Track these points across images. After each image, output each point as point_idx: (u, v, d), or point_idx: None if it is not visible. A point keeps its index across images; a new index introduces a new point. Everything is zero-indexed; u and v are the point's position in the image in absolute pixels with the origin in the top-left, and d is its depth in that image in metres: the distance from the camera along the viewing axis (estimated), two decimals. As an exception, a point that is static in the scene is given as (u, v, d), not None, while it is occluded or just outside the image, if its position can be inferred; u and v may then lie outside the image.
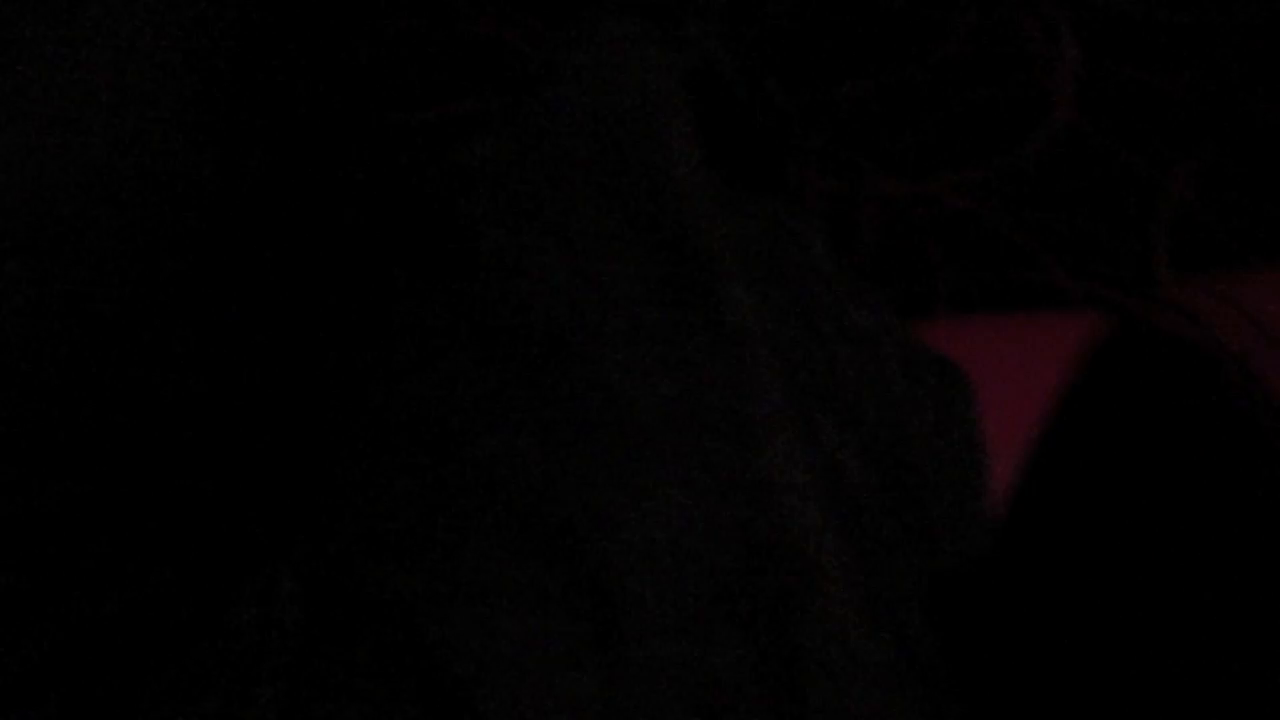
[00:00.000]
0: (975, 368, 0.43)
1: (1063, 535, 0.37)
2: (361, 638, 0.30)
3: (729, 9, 0.74)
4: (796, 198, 0.81)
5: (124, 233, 0.29)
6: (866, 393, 0.39)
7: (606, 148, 0.41)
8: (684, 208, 0.39)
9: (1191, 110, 0.88)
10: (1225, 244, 0.80)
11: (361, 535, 0.32)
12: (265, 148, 0.34)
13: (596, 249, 0.38)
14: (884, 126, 0.88)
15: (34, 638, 0.27)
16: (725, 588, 0.30)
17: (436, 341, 0.35)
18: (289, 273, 0.35)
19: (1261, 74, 0.89)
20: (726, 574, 0.31)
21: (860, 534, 0.35)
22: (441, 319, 0.35)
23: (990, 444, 0.40)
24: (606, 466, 0.32)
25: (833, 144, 0.87)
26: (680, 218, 0.39)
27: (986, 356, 0.44)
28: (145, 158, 0.30)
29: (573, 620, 0.30)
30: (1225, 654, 0.31)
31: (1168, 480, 0.30)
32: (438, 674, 0.29)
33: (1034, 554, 0.37)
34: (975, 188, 0.83)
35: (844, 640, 0.30)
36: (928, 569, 0.35)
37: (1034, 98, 0.88)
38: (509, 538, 0.30)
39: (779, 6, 0.91)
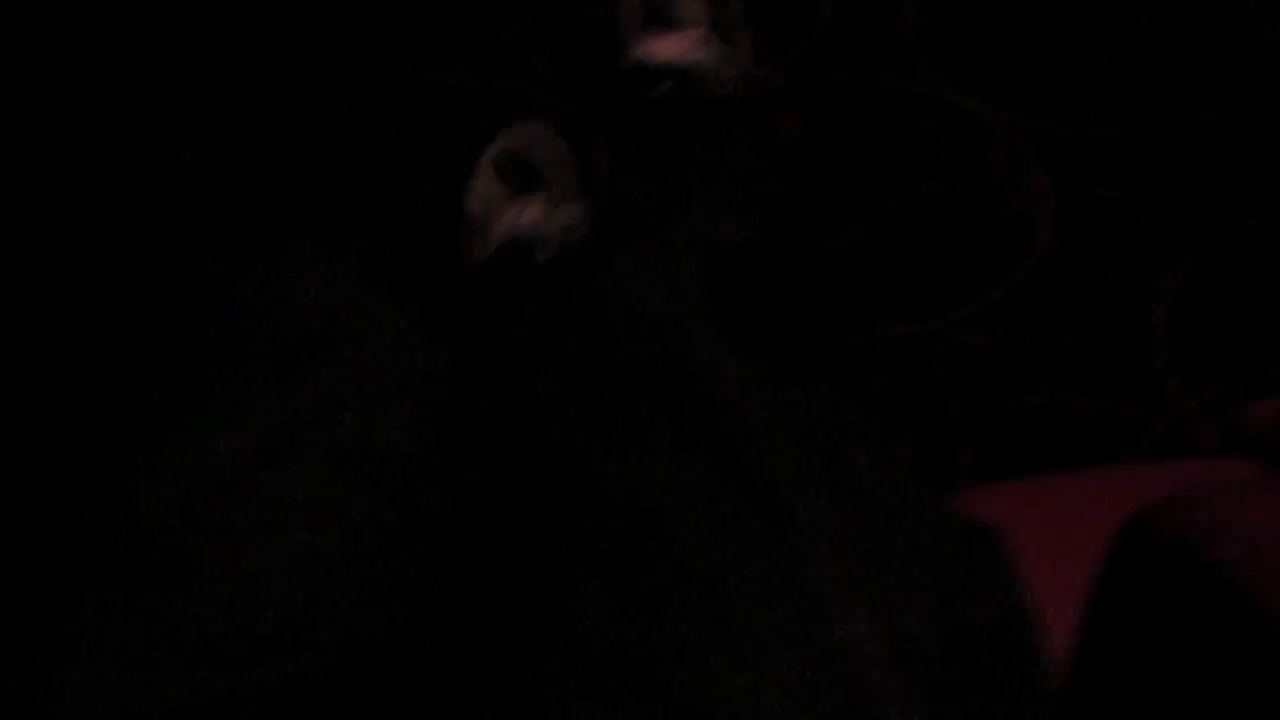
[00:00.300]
0: (1011, 532, 0.46)
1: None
2: None
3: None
4: (816, 355, 0.85)
5: None
6: (919, 558, 0.42)
7: (654, 364, 0.45)
8: (731, 403, 0.43)
9: (1167, 220, 0.92)
10: (1223, 345, 0.83)
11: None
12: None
13: (663, 451, 0.42)
14: (877, 273, 0.92)
15: None
16: None
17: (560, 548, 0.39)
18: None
19: (1229, 178, 0.94)
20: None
21: (934, 694, 0.37)
22: (555, 534, 0.39)
23: (1036, 600, 0.42)
24: (705, 640, 0.36)
25: (834, 295, 0.91)
26: (731, 415, 0.43)
27: (1018, 522, 0.46)
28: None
29: None
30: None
31: (1185, 681, 0.33)
32: None
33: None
34: (974, 321, 0.87)
35: None
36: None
37: (1013, 227, 0.92)
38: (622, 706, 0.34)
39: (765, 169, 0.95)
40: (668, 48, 0.86)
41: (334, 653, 0.37)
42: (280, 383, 0.43)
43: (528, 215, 0.75)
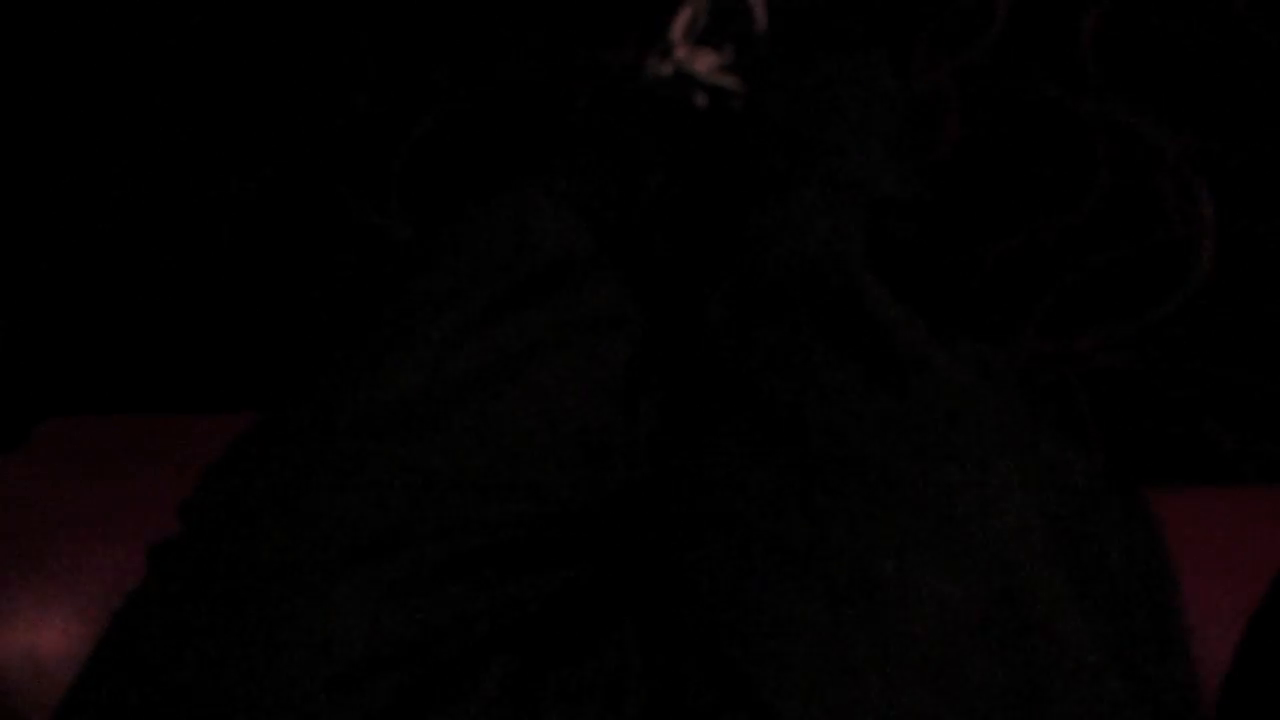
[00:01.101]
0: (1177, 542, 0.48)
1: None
2: (704, 693, 0.39)
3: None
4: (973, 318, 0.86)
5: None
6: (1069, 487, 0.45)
7: (826, 301, 0.51)
8: (900, 335, 0.48)
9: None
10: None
11: (715, 623, 0.41)
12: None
13: (825, 367, 0.48)
14: (1030, 286, 0.93)
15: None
16: (985, 630, 0.37)
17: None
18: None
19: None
20: (985, 622, 0.38)
21: (1086, 591, 0.41)
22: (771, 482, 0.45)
23: (1199, 618, 0.45)
24: (871, 529, 0.40)
25: (981, 305, 0.93)
26: (901, 344, 0.48)
27: (1189, 532, 0.48)
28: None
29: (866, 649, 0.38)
30: None
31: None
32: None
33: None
34: (1122, 345, 0.87)
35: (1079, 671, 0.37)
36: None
37: (1173, 254, 0.92)
38: (828, 606, 0.39)
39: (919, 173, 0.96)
40: None
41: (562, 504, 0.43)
42: (508, 313, 0.49)
43: (705, 62, 0.82)
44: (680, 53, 0.83)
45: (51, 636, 0.52)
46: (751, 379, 0.49)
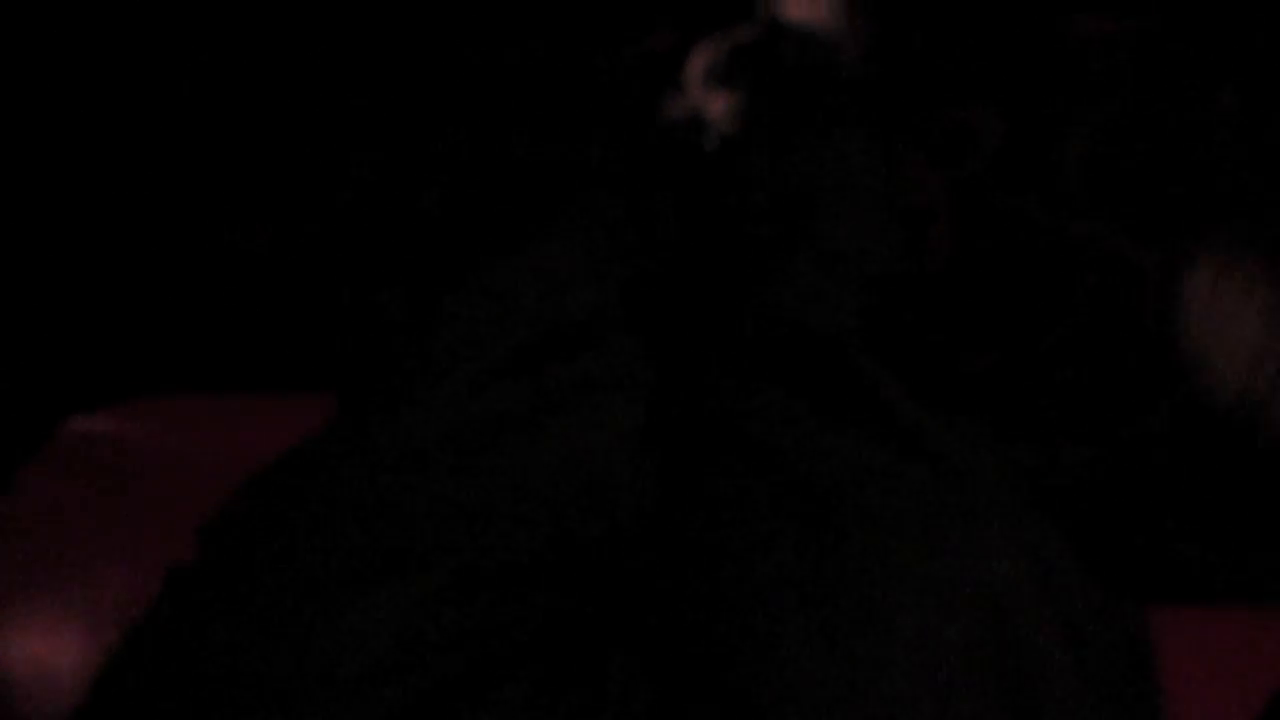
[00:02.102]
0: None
1: None
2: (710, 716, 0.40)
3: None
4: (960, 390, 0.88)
5: None
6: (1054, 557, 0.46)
7: (821, 371, 0.54)
8: (897, 400, 0.50)
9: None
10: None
11: (721, 651, 0.42)
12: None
13: (833, 431, 0.50)
14: (1012, 398, 0.93)
15: None
16: (979, 670, 0.39)
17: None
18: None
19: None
20: (979, 662, 0.39)
21: (1076, 639, 0.42)
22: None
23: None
24: (872, 573, 0.42)
25: (961, 414, 0.93)
26: (902, 407, 0.49)
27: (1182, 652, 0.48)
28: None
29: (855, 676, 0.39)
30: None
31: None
32: None
33: None
34: (1104, 460, 0.87)
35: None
36: None
37: (1156, 372, 0.92)
38: (828, 638, 0.40)
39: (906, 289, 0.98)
40: (803, 8, 0.91)
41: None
42: (534, 365, 0.53)
43: (716, 106, 0.85)
44: (695, 95, 0.86)
45: (64, 648, 0.52)
46: (753, 436, 0.52)
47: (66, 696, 0.45)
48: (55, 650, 0.53)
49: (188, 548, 0.45)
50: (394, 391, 0.52)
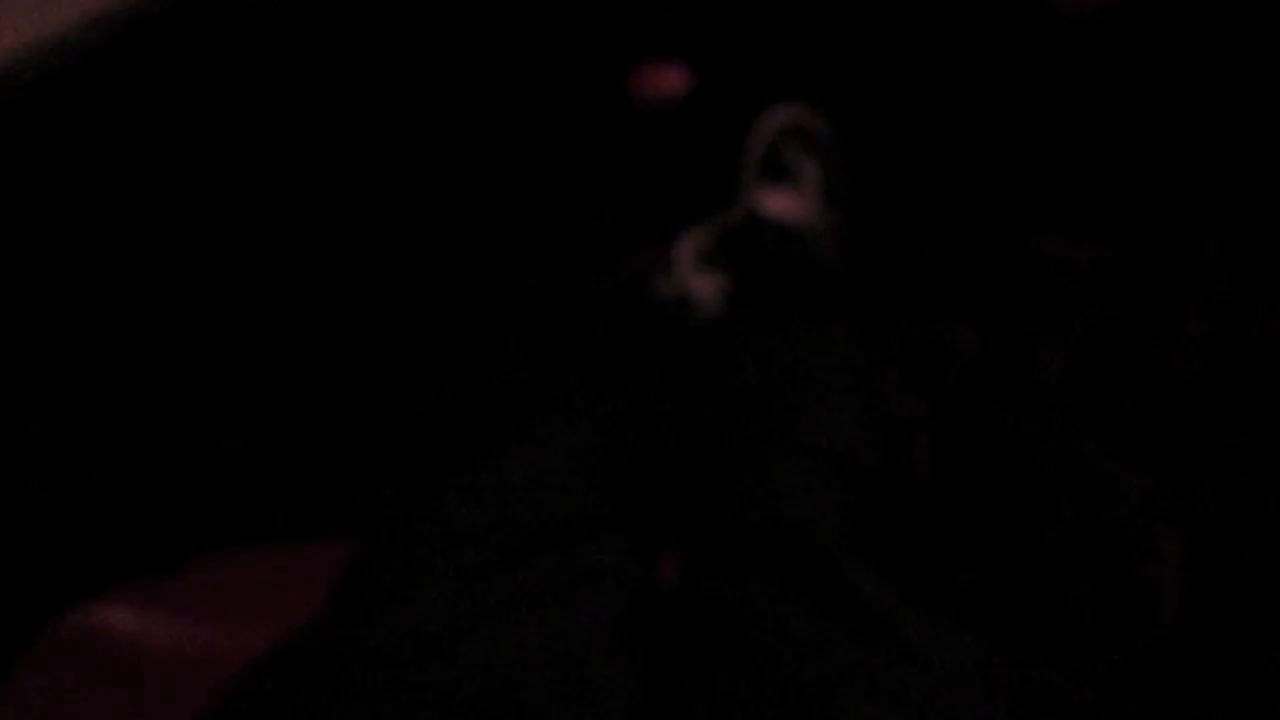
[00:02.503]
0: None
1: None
2: None
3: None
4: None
5: None
6: None
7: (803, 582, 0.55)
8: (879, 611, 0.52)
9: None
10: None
11: None
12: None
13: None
14: (993, 615, 0.91)
15: None
16: None
17: None
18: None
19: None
20: None
21: None
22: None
23: None
24: None
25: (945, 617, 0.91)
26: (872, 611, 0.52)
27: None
28: None
29: None
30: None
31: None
32: None
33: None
34: (1087, 681, 0.84)
35: None
36: None
37: (1137, 592, 0.91)
38: None
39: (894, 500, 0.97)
40: (782, 204, 0.93)
41: None
42: (522, 559, 0.55)
43: (705, 287, 0.88)
44: (684, 277, 0.88)
45: None
46: (740, 631, 0.52)
47: None
48: None
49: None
50: (381, 589, 0.53)
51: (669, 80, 1.02)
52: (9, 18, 0.79)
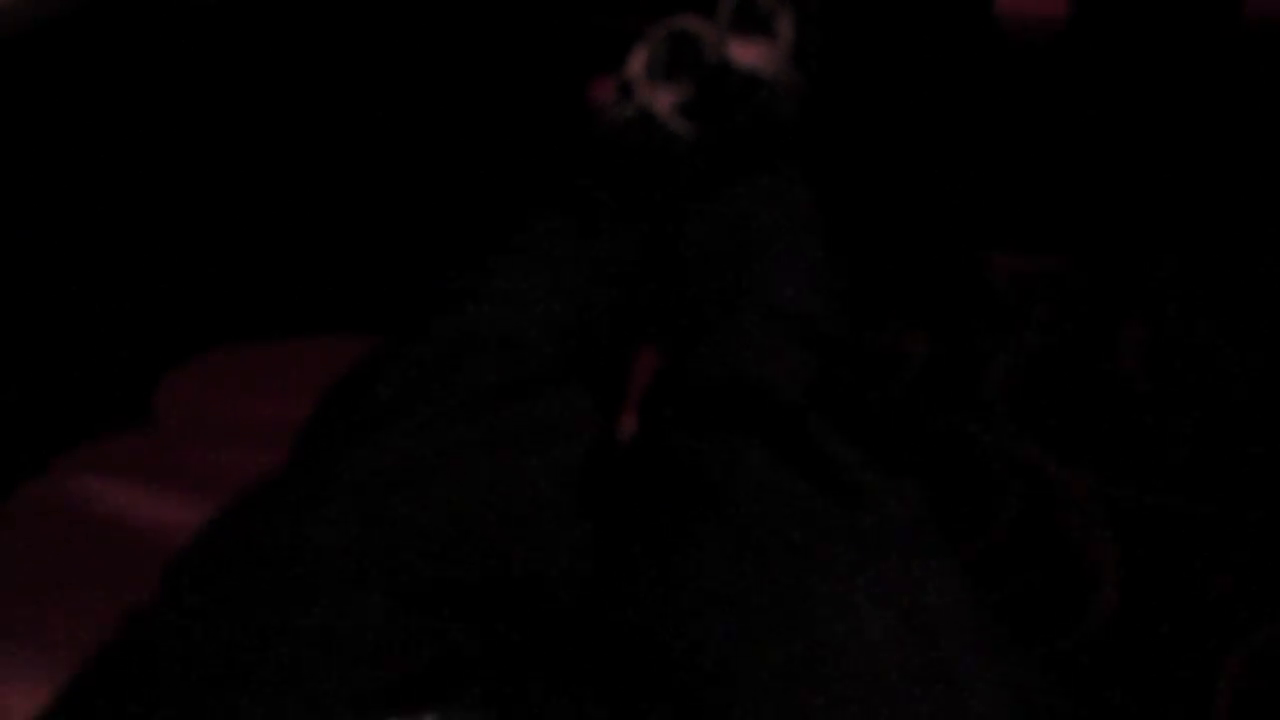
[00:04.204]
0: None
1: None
2: None
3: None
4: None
5: None
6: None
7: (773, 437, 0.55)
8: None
9: (1237, 599, 0.92)
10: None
11: (664, 649, 0.44)
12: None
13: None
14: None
15: None
16: (897, 664, 0.41)
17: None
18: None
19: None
20: (897, 651, 0.41)
21: None
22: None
23: None
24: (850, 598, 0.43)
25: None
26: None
27: None
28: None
29: None
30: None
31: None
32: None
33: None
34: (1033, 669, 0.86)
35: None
36: None
37: (1077, 584, 0.93)
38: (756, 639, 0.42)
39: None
40: (751, 54, 0.94)
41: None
42: (485, 407, 0.56)
43: (664, 100, 0.88)
44: (642, 92, 0.88)
45: (12, 690, 0.50)
46: (701, 474, 0.53)
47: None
48: (3, 692, 0.50)
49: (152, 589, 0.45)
50: (349, 430, 0.54)
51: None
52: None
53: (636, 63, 0.92)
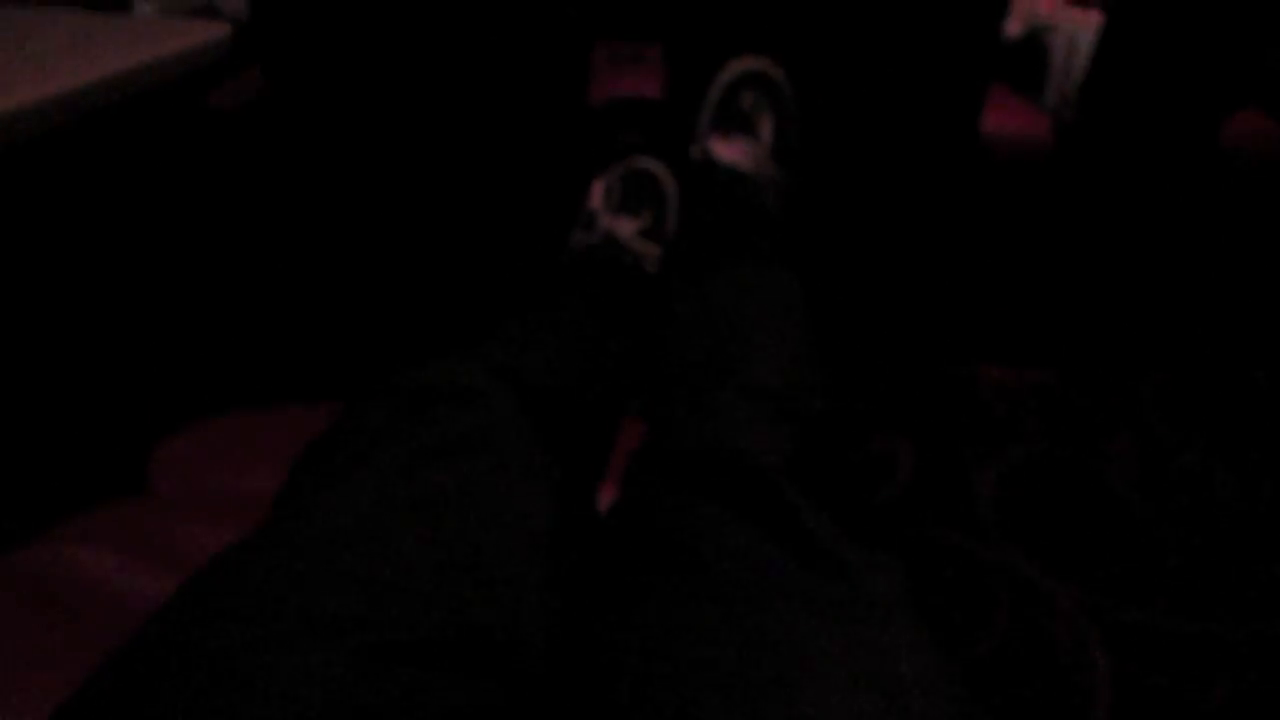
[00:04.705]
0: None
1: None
2: None
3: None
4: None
5: None
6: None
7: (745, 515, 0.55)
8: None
9: (1228, 718, 0.90)
10: None
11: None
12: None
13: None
14: None
15: None
16: None
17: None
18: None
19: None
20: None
21: None
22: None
23: None
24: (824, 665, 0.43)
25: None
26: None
27: None
28: None
29: None
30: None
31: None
32: None
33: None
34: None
35: None
36: None
37: (1069, 697, 0.91)
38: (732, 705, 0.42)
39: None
40: (732, 151, 0.96)
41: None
42: (441, 458, 0.55)
43: (627, 228, 0.91)
44: (605, 220, 0.90)
45: None
46: (680, 541, 0.53)
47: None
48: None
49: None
50: (316, 486, 0.54)
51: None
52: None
53: (596, 196, 0.96)
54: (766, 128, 0.99)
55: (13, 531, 0.63)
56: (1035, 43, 1.36)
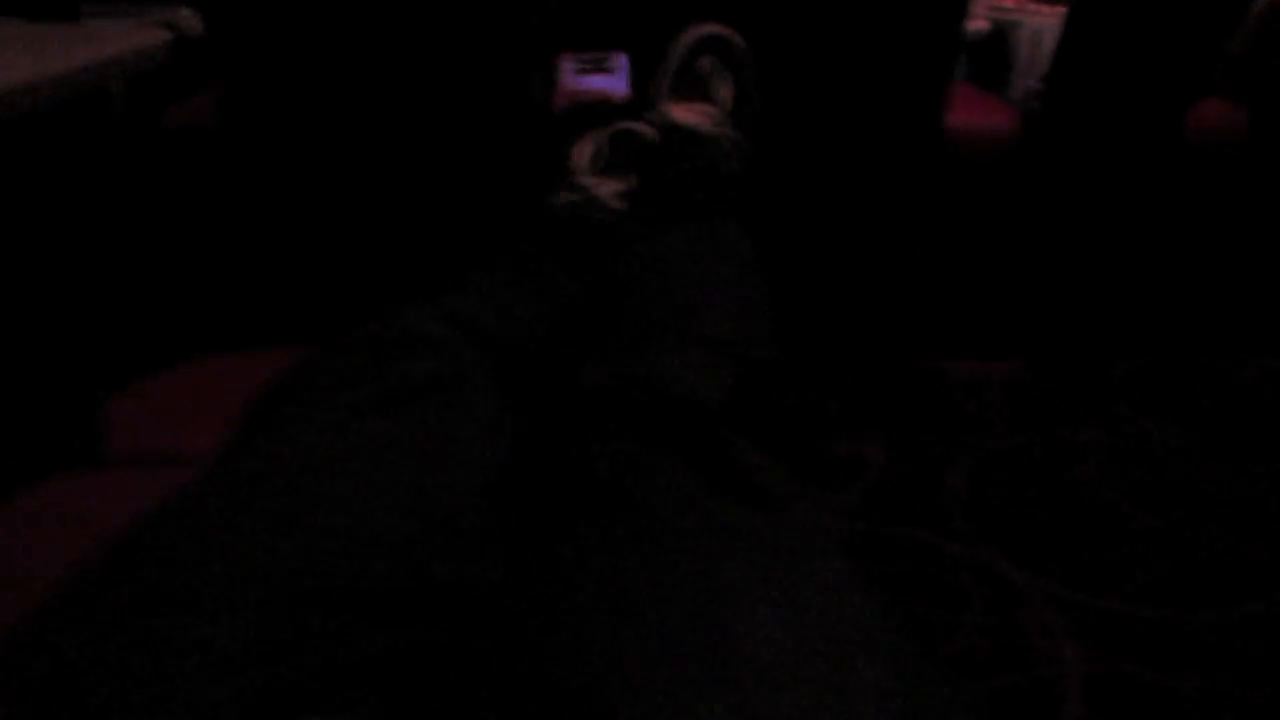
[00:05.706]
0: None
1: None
2: None
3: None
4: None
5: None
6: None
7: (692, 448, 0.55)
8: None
9: (1200, 706, 0.89)
10: None
11: (567, 656, 0.42)
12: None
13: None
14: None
15: None
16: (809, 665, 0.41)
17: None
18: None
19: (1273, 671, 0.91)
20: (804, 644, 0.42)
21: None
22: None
23: None
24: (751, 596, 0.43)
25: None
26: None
27: None
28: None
29: None
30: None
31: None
32: None
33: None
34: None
35: None
36: None
37: (1040, 691, 0.90)
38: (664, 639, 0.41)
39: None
40: (691, 115, 0.96)
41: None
42: (394, 405, 0.55)
43: (606, 188, 0.91)
44: (587, 180, 0.91)
45: None
46: (617, 485, 0.52)
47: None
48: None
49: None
50: (267, 430, 0.54)
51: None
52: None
53: (581, 156, 0.96)
54: (726, 91, 0.99)
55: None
56: (1000, 37, 1.36)
